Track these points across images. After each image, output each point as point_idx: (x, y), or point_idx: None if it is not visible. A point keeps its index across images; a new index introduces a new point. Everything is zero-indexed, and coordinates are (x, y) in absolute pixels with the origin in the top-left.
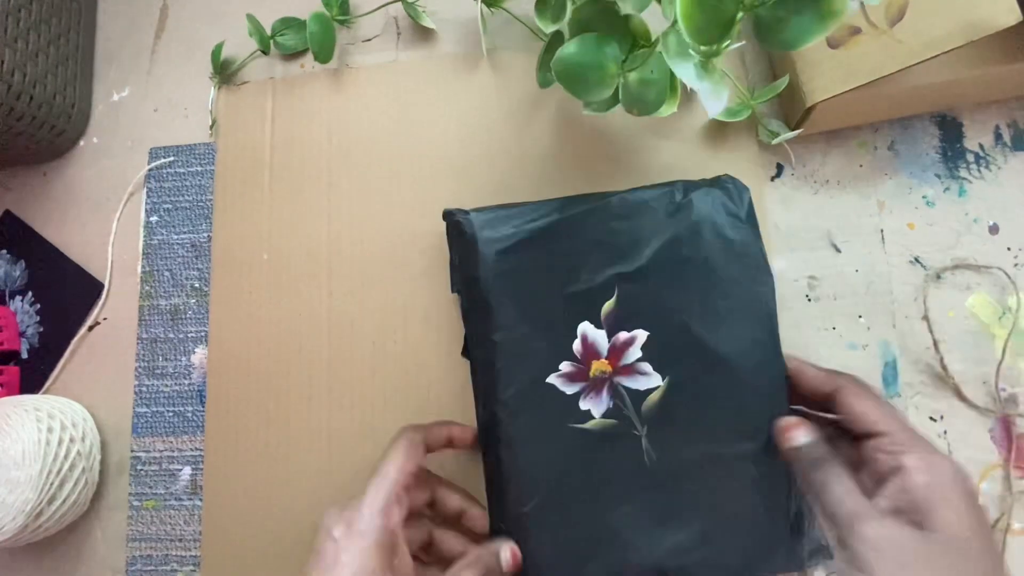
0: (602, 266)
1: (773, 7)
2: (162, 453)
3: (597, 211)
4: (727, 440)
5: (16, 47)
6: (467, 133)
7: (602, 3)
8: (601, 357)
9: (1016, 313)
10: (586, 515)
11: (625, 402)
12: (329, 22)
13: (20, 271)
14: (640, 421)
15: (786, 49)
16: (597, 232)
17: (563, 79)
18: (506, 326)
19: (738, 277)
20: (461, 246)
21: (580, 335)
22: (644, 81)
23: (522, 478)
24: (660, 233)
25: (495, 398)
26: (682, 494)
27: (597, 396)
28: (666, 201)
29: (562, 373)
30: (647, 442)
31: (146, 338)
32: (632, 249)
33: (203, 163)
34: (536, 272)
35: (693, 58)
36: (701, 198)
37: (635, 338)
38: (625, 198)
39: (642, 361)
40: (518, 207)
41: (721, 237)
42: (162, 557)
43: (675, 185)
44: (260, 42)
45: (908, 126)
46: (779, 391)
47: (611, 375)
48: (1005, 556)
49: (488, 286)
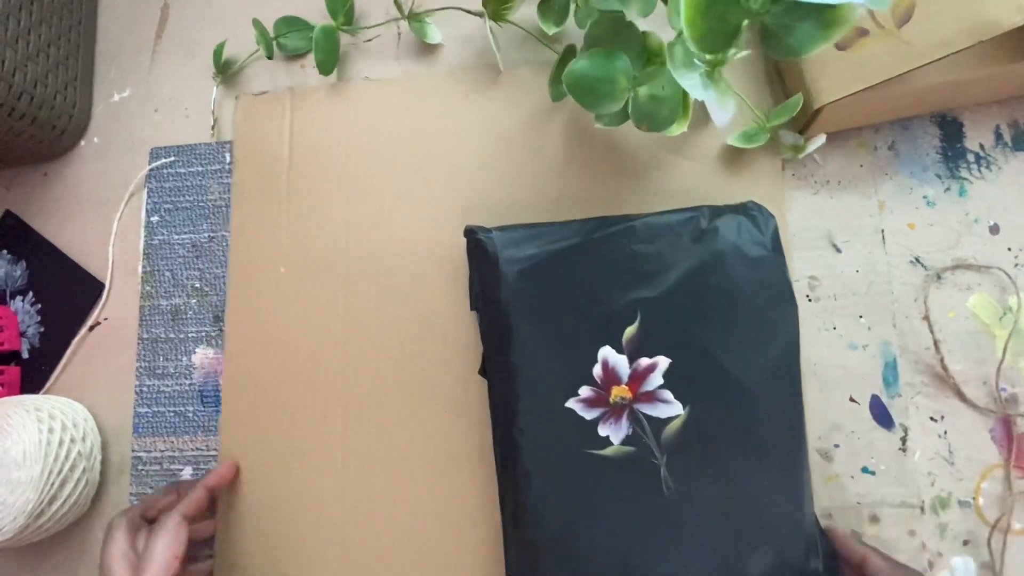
0: (625, 290)
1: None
2: (163, 453)
3: (621, 234)
4: (746, 471)
5: (16, 47)
6: (481, 147)
7: (616, 18)
8: (622, 383)
9: (1016, 313)
10: (602, 545)
11: (645, 429)
12: (335, 33)
13: (21, 271)
14: (659, 449)
15: (792, 56)
16: (621, 255)
17: (574, 91)
18: (525, 348)
19: (762, 306)
20: (482, 265)
21: (601, 360)
22: (655, 97)
23: (538, 506)
24: (685, 259)
25: (513, 422)
26: (700, 526)
27: (616, 422)
28: (691, 226)
29: (581, 398)
30: (666, 471)
31: (147, 338)
32: (656, 274)
33: (204, 163)
34: (558, 294)
35: (699, 68)
36: (727, 225)
37: (657, 364)
38: (649, 222)
39: (663, 388)
40: (541, 227)
41: (746, 265)
42: None
43: (700, 210)
44: (266, 48)
45: (908, 126)
46: (798, 422)
47: (631, 401)
48: (1005, 556)
49: (508, 307)
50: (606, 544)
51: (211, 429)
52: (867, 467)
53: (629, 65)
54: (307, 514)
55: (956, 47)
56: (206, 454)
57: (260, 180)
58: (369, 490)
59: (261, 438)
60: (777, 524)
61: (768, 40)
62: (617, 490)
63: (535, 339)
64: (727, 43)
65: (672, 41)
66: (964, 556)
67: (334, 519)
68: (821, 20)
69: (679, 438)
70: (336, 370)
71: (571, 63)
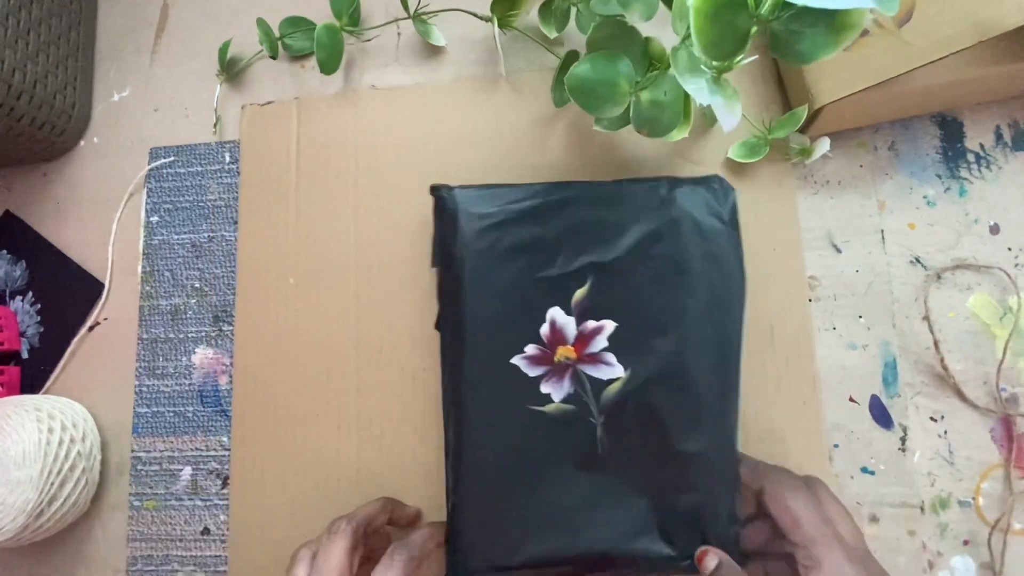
0: (579, 253)
1: (788, 20)
2: (163, 453)
3: (580, 198)
4: (678, 436)
5: (16, 47)
6: (488, 153)
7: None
8: (567, 343)
9: (1017, 313)
10: (534, 495)
11: (586, 389)
12: (338, 33)
13: (20, 271)
14: (598, 409)
15: (801, 63)
16: (577, 219)
17: (575, 94)
18: (476, 303)
19: (711, 278)
20: (443, 221)
21: (549, 319)
22: (656, 102)
23: (476, 453)
24: (640, 226)
25: (459, 373)
26: (630, 483)
27: (559, 381)
28: (650, 195)
29: (527, 355)
30: (602, 430)
31: (146, 338)
32: (610, 239)
33: (204, 163)
34: (513, 253)
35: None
36: (684, 195)
37: (603, 328)
38: (609, 188)
39: (607, 351)
40: (504, 187)
41: (699, 236)
42: (162, 557)
43: (661, 180)
44: (270, 48)
45: (908, 126)
46: (732, 392)
47: (575, 362)
48: (1005, 556)
49: (463, 262)
50: (541, 498)
51: (211, 429)
52: (867, 467)
53: (631, 69)
54: (321, 525)
55: (957, 47)
56: (206, 454)
57: (268, 191)
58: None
59: (271, 451)
60: (703, 491)
61: (777, 46)
62: (554, 446)
63: (486, 295)
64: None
65: (676, 46)
66: (964, 556)
67: None
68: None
69: (617, 400)
70: (348, 381)
71: (573, 66)
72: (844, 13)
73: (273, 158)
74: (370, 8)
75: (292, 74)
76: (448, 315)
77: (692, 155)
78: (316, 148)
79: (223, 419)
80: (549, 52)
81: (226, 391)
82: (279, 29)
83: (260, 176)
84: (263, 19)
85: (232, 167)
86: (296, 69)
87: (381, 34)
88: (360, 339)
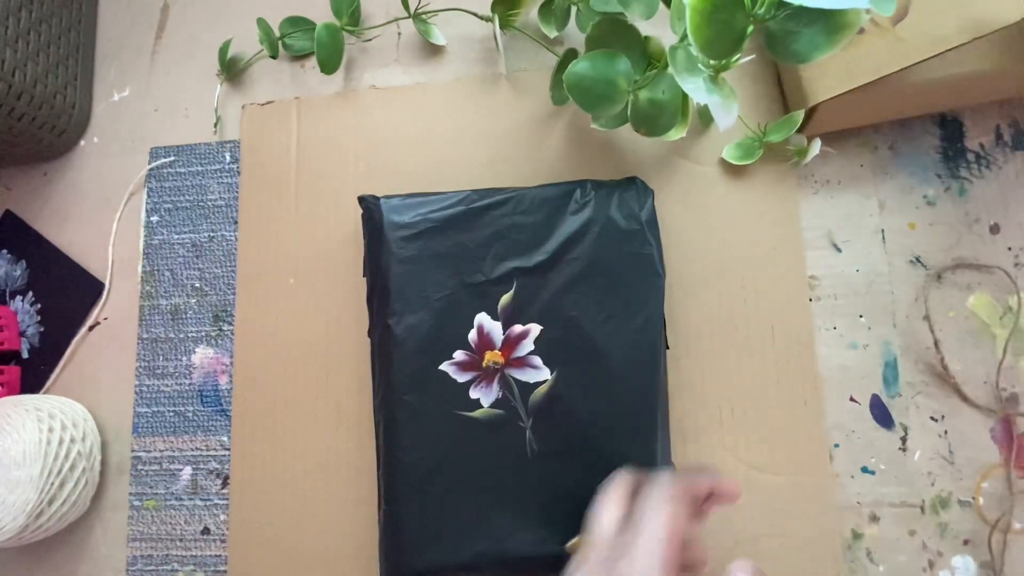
0: (502, 259)
1: (784, 20)
2: (162, 453)
3: (502, 204)
4: (603, 435)
5: (16, 47)
6: (487, 153)
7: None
8: (495, 348)
9: (1017, 313)
10: (466, 500)
11: (514, 393)
12: (338, 32)
13: (20, 271)
14: (526, 413)
15: (797, 62)
16: (500, 225)
17: (573, 91)
18: (403, 312)
19: (629, 277)
20: (370, 231)
21: (476, 325)
22: (654, 101)
23: (407, 461)
24: (560, 230)
25: (387, 382)
26: (559, 487)
27: (488, 386)
28: (569, 199)
29: (455, 361)
30: (531, 433)
31: (146, 338)
32: (532, 244)
33: (204, 163)
34: (438, 260)
35: (702, 73)
36: (603, 199)
37: (528, 332)
38: (530, 194)
39: (533, 354)
40: (429, 196)
41: (617, 238)
42: (162, 557)
43: (581, 184)
44: (270, 48)
45: (908, 126)
46: (653, 390)
47: (503, 366)
48: (1005, 556)
49: (389, 271)
50: (473, 503)
51: (211, 429)
52: (867, 467)
53: (629, 68)
54: (321, 527)
55: (952, 43)
56: (205, 454)
57: (268, 191)
58: None
59: (271, 451)
60: None
61: (773, 46)
62: (484, 451)
63: (413, 303)
64: (732, 49)
65: (674, 45)
66: (964, 556)
67: (348, 533)
68: (827, 25)
69: (545, 402)
70: (348, 381)
71: (571, 64)
72: (840, 13)
73: (273, 158)
74: (370, 8)
75: (292, 74)
76: (376, 323)
77: (690, 154)
78: (316, 148)
79: (223, 419)
80: (549, 51)
81: (226, 391)
82: (279, 29)
83: (260, 176)
84: (263, 19)
85: (232, 167)
86: (296, 69)
87: (381, 34)
88: (360, 339)
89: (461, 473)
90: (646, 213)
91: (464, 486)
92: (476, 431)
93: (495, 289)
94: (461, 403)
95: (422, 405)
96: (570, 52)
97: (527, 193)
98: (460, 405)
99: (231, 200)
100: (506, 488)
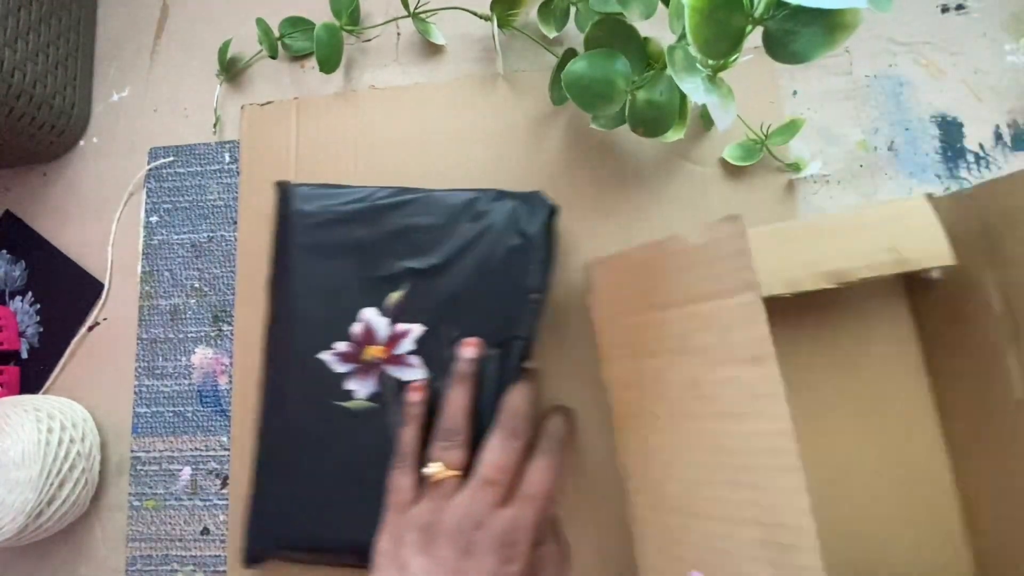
0: (399, 258)
1: (783, 20)
2: (162, 453)
3: (406, 205)
4: None
5: (16, 47)
6: (485, 152)
7: (617, 21)
8: (378, 343)
9: None
10: (330, 487)
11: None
12: (338, 32)
13: (20, 271)
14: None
15: (796, 62)
16: (401, 225)
17: (571, 90)
18: (295, 297)
19: (507, 293)
20: (278, 216)
21: (363, 319)
22: (652, 102)
23: (278, 441)
24: (457, 236)
25: (271, 365)
26: None
27: (365, 379)
28: (470, 206)
29: (336, 352)
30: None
31: (146, 338)
32: (429, 247)
33: (203, 163)
34: (336, 252)
35: (700, 72)
36: (500, 210)
37: (411, 331)
38: (434, 197)
39: (413, 354)
40: (341, 188)
41: (506, 251)
42: (162, 557)
43: (485, 193)
44: (269, 48)
45: (908, 126)
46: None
47: (383, 362)
48: None
49: (288, 256)
50: (336, 490)
51: (210, 429)
52: None
53: (628, 67)
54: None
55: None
56: (205, 454)
57: (267, 191)
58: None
59: None
60: None
61: (772, 46)
62: (352, 442)
63: (305, 290)
64: (731, 48)
65: (673, 45)
66: None
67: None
68: (826, 25)
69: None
70: None
71: (570, 63)
72: (839, 13)
73: (273, 158)
74: (370, 8)
75: (292, 74)
76: (269, 306)
77: (690, 155)
78: (316, 148)
79: (223, 419)
80: (548, 51)
81: (226, 391)
82: (279, 29)
83: (260, 176)
84: (263, 19)
85: (232, 167)
86: (296, 69)
87: (381, 34)
88: None
89: (327, 460)
90: (536, 229)
91: (328, 473)
92: (347, 421)
93: (387, 286)
94: (337, 393)
95: (298, 390)
96: (569, 52)
97: (432, 196)
98: (335, 395)
99: (231, 200)
100: (368, 480)
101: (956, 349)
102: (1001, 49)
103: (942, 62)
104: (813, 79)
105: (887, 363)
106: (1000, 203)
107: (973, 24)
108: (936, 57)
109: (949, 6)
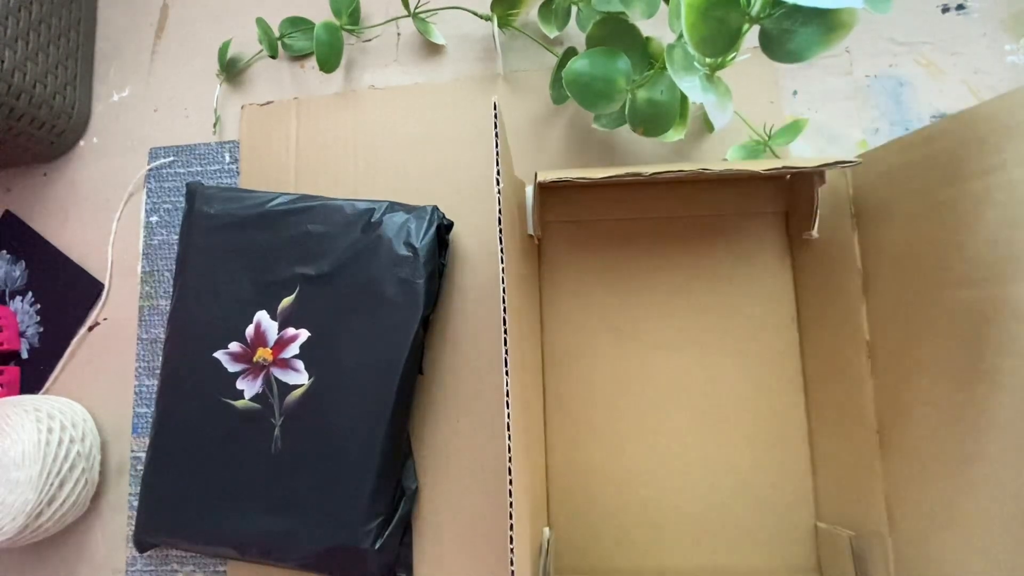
0: (292, 264)
1: (780, 19)
2: None
3: (302, 212)
4: (337, 449)
5: (16, 47)
6: (487, 152)
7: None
8: (267, 346)
9: None
10: (213, 481)
11: (273, 391)
12: (338, 31)
13: (20, 271)
14: (280, 412)
15: (793, 61)
16: (296, 231)
17: (572, 88)
18: (191, 296)
19: (390, 303)
20: (184, 216)
21: (255, 322)
22: (652, 101)
23: (166, 434)
24: (348, 245)
25: (166, 359)
26: (290, 489)
27: (253, 380)
28: (363, 217)
29: (229, 351)
30: (279, 432)
31: (146, 338)
32: (321, 255)
33: (203, 163)
34: (234, 255)
35: (698, 71)
36: (392, 221)
37: (297, 336)
38: (330, 206)
39: (297, 358)
40: (245, 192)
41: (392, 262)
42: (162, 557)
43: (380, 204)
44: (269, 47)
45: (908, 125)
46: (385, 408)
47: (270, 364)
48: None
49: (187, 255)
50: (218, 485)
51: None
52: None
53: (629, 66)
54: None
55: None
56: None
57: (267, 191)
58: None
59: None
60: (340, 506)
61: (768, 45)
62: (235, 440)
63: (201, 289)
64: (727, 47)
65: (672, 43)
66: None
67: None
68: (823, 24)
69: (298, 405)
70: None
71: (571, 61)
72: (835, 12)
73: (273, 158)
74: (370, 8)
75: (292, 74)
76: (172, 304)
77: (692, 156)
78: (316, 148)
79: None
80: (548, 51)
81: None
82: (279, 29)
83: (260, 176)
84: (263, 19)
85: (232, 167)
86: (296, 69)
87: (381, 34)
88: None
89: (213, 455)
90: (425, 243)
91: (212, 468)
92: (232, 420)
93: (280, 291)
94: (227, 391)
95: (191, 386)
96: (570, 51)
97: (329, 205)
98: (226, 393)
99: None
100: (245, 478)
101: (822, 298)
102: (1001, 49)
103: (942, 62)
104: (813, 79)
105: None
106: (872, 170)
107: (973, 24)
108: (936, 57)
109: (949, 6)
